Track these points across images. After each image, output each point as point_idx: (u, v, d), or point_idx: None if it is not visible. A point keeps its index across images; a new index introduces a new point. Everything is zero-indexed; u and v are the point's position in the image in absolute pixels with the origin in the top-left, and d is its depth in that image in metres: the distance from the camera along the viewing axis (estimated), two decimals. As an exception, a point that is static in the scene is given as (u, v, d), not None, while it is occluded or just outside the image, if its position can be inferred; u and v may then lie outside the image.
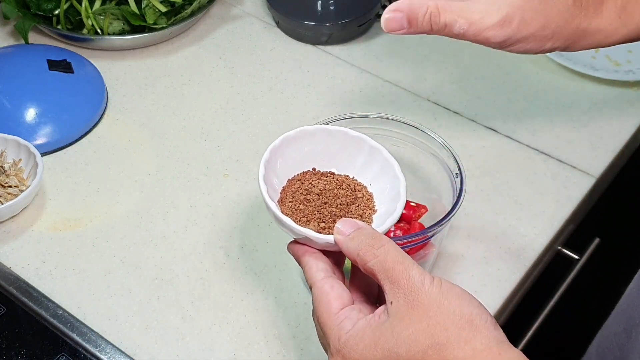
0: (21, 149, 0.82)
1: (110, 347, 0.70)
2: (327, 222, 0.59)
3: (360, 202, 0.61)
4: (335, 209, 0.60)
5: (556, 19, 0.63)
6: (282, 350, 0.70)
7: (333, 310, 0.53)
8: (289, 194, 0.61)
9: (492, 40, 0.62)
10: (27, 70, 0.91)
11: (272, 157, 0.61)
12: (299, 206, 0.60)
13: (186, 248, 0.78)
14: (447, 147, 0.71)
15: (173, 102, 0.93)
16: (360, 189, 0.62)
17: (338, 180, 0.62)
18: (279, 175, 0.62)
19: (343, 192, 0.62)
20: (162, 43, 1.00)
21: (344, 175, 0.63)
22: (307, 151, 0.63)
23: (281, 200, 0.61)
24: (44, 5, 0.97)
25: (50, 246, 0.78)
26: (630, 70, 0.97)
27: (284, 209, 0.60)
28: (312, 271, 0.56)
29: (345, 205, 0.60)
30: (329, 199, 0.61)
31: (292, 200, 0.61)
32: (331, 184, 0.62)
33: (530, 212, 0.82)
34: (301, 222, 0.59)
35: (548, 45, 0.64)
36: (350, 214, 0.60)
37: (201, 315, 0.73)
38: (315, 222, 0.59)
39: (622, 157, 0.90)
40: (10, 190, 0.79)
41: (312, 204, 0.60)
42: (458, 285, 0.52)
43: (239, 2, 1.07)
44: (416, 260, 0.69)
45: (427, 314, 0.50)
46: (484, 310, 0.51)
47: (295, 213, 0.60)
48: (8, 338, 0.70)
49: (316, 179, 0.62)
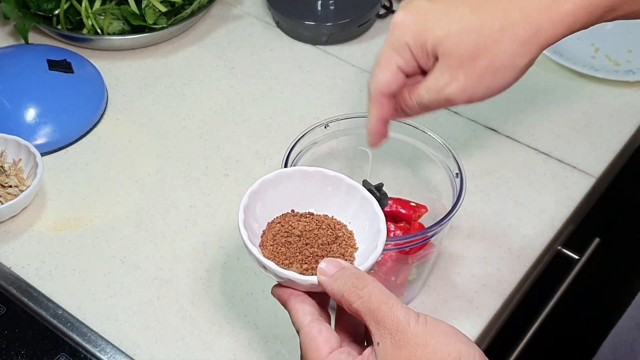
0: (21, 149, 0.82)
1: (110, 347, 0.70)
2: (310, 263, 0.58)
3: (341, 240, 0.61)
4: (317, 249, 0.59)
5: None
6: (282, 350, 0.70)
7: (322, 355, 0.53)
8: (269, 238, 0.61)
9: (455, 99, 0.62)
10: (27, 70, 0.91)
11: (250, 202, 0.60)
12: (280, 249, 0.59)
13: (186, 248, 0.78)
14: (447, 147, 0.71)
15: (173, 102, 0.93)
16: (340, 228, 0.62)
17: (317, 221, 0.62)
18: (258, 219, 0.61)
19: (323, 232, 0.61)
20: (162, 43, 1.00)
21: (323, 215, 0.63)
22: (286, 193, 0.63)
23: (262, 244, 0.60)
24: (44, 5, 0.97)
25: (50, 246, 0.78)
26: (630, 70, 0.97)
27: (266, 253, 0.59)
28: (298, 315, 0.55)
29: (326, 245, 0.60)
30: (309, 239, 0.60)
31: (273, 243, 0.60)
32: (311, 224, 0.62)
33: (530, 212, 0.82)
34: (284, 265, 0.58)
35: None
36: (332, 253, 0.59)
37: (201, 315, 0.73)
38: (297, 264, 0.58)
39: (622, 157, 0.90)
40: (10, 190, 0.79)
41: (294, 246, 0.60)
42: (444, 322, 0.52)
43: (239, 2, 1.07)
44: (416, 260, 0.69)
45: (414, 354, 0.49)
46: (472, 345, 0.51)
47: (278, 256, 0.59)
48: (8, 338, 0.70)
49: (295, 220, 0.62)
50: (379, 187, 0.68)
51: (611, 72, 0.96)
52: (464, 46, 0.59)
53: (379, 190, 0.68)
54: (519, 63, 0.60)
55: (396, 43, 0.63)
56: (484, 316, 0.73)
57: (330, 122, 0.73)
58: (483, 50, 0.58)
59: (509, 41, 0.58)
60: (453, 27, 0.59)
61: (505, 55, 0.59)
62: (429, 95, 0.62)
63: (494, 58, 0.59)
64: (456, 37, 0.59)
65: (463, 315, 0.73)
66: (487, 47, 0.59)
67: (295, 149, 0.71)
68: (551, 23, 0.58)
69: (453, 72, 0.60)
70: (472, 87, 0.60)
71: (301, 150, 0.72)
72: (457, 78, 0.60)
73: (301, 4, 1.01)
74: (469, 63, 0.59)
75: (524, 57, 0.59)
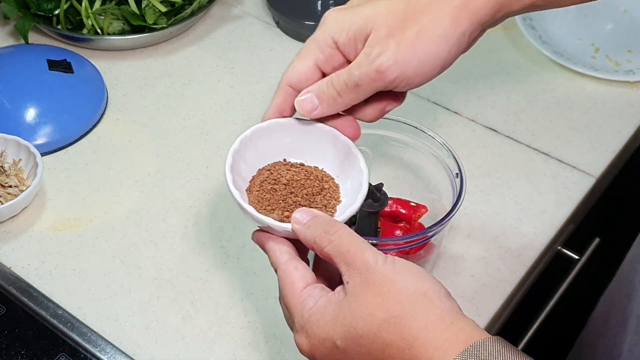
0: (21, 149, 0.82)
1: (110, 347, 0.70)
2: (291, 211, 0.60)
3: (325, 192, 0.63)
4: (301, 199, 0.61)
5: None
6: (282, 350, 0.70)
7: (297, 290, 0.55)
8: (257, 183, 0.62)
9: (387, 70, 0.59)
10: (27, 70, 0.91)
11: (242, 147, 0.62)
12: (265, 195, 0.61)
13: (186, 248, 0.78)
14: (447, 147, 0.71)
15: (173, 102, 0.93)
16: (328, 181, 0.64)
17: (307, 171, 0.64)
18: (250, 165, 0.63)
19: (310, 183, 0.63)
20: (162, 43, 1.00)
21: (313, 167, 0.64)
22: (281, 142, 0.64)
23: (249, 189, 0.62)
24: (44, 5, 0.97)
25: (50, 246, 0.78)
26: (630, 70, 0.97)
27: (251, 197, 0.61)
28: (275, 255, 0.58)
29: (310, 196, 0.62)
30: (295, 189, 0.62)
31: (259, 189, 0.62)
32: (300, 174, 0.63)
33: (530, 212, 0.82)
34: (265, 211, 0.60)
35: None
36: (315, 204, 0.61)
37: (201, 315, 0.73)
38: (279, 210, 0.60)
39: (622, 157, 0.90)
40: (10, 190, 0.79)
41: (279, 193, 0.62)
42: (414, 264, 0.54)
43: (239, 2, 1.07)
44: (416, 260, 0.69)
45: (381, 290, 0.51)
46: (438, 283, 0.53)
47: (261, 202, 0.61)
48: (8, 338, 0.70)
49: (285, 169, 0.63)
50: (379, 187, 0.68)
51: (611, 72, 0.96)
52: (393, 17, 0.59)
53: (379, 190, 0.68)
54: (450, 33, 0.58)
55: (320, 37, 0.61)
56: (484, 316, 0.73)
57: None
58: (412, 19, 0.58)
59: (438, 10, 0.58)
60: (381, 4, 0.60)
61: (435, 23, 0.58)
62: (359, 70, 0.59)
63: (423, 26, 0.58)
64: (385, 10, 0.59)
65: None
66: (417, 16, 0.58)
67: None
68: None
69: (384, 42, 0.58)
70: (403, 57, 0.58)
71: None
72: (388, 47, 0.58)
73: (301, 4, 1.01)
74: (399, 32, 0.58)
75: (455, 28, 0.58)
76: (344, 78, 0.60)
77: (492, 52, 1.00)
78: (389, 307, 0.51)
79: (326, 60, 0.62)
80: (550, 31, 1.02)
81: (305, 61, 0.62)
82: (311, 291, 0.55)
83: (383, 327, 0.51)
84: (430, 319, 0.51)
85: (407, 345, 0.50)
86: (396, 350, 0.50)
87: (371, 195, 0.68)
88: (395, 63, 0.58)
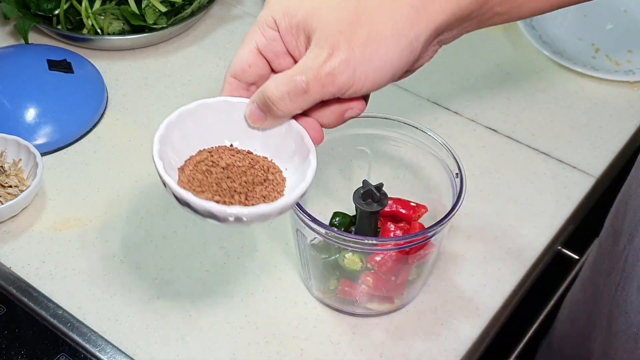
0: (21, 149, 0.82)
1: (110, 347, 0.70)
2: (224, 196, 0.56)
3: (268, 184, 0.58)
4: (238, 185, 0.57)
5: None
6: (282, 350, 0.70)
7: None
8: (192, 163, 0.58)
9: (339, 74, 0.53)
10: (27, 70, 0.91)
11: (181, 121, 0.59)
12: (197, 175, 0.57)
13: (186, 248, 0.78)
14: (447, 147, 0.71)
15: (173, 102, 0.93)
16: (275, 173, 0.59)
17: (252, 160, 0.59)
18: (191, 143, 0.59)
19: (254, 172, 0.58)
20: (162, 43, 1.00)
21: (262, 157, 0.60)
22: (229, 124, 0.60)
23: (182, 167, 0.58)
24: (44, 5, 0.97)
25: (50, 246, 0.78)
26: (630, 70, 0.97)
27: (182, 177, 0.57)
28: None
29: (250, 184, 0.57)
30: (233, 174, 0.58)
31: (194, 169, 0.58)
32: (244, 161, 0.59)
33: (530, 212, 0.82)
34: (195, 192, 0.55)
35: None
36: (254, 193, 0.57)
37: (201, 315, 0.73)
38: (209, 193, 0.56)
39: (622, 157, 0.90)
40: (10, 190, 0.79)
41: (213, 176, 0.57)
42: None
43: (239, 2, 1.07)
44: (416, 260, 0.69)
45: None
46: None
47: (191, 181, 0.57)
48: (8, 338, 0.70)
49: (230, 154, 0.59)
50: (379, 187, 0.68)
51: (611, 72, 0.96)
52: (342, 13, 0.53)
53: (379, 190, 0.68)
54: (405, 34, 0.53)
55: (261, 19, 0.56)
56: (484, 316, 0.73)
57: (330, 122, 0.73)
58: (364, 17, 0.52)
59: (392, 9, 0.53)
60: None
61: (389, 23, 0.52)
62: (307, 75, 0.53)
63: (376, 26, 0.52)
64: (334, 6, 0.53)
65: (463, 315, 0.73)
66: (369, 14, 0.53)
67: None
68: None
69: (331, 44, 0.52)
70: (355, 59, 0.52)
71: None
72: (338, 49, 0.52)
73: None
74: (349, 31, 0.52)
75: (410, 29, 0.53)
76: (288, 88, 0.54)
77: (492, 52, 1.00)
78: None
79: (267, 44, 0.56)
80: (550, 31, 1.02)
81: (247, 46, 0.57)
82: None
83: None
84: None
85: None
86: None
87: (371, 195, 0.68)
88: (348, 64, 0.52)
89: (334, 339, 0.71)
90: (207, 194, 0.56)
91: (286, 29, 0.55)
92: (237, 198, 0.56)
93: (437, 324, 0.72)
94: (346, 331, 0.71)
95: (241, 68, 0.58)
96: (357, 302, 0.72)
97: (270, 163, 0.60)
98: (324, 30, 0.53)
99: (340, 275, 0.71)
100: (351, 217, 0.75)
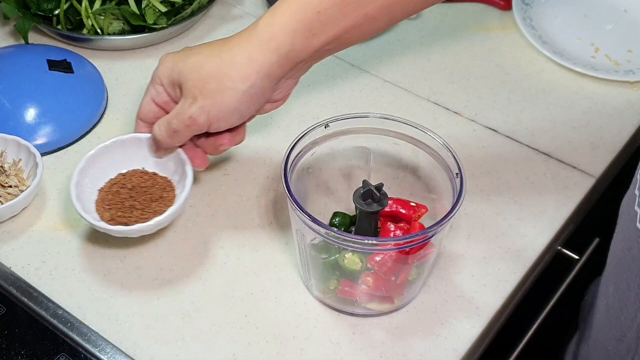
0: (21, 149, 0.82)
1: (110, 347, 0.70)
2: (124, 212, 0.73)
3: (162, 201, 0.74)
4: (138, 203, 0.74)
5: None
6: (282, 350, 0.70)
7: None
8: (108, 185, 0.76)
9: (197, 117, 0.71)
10: (27, 70, 0.91)
11: (114, 147, 0.77)
12: (108, 195, 0.75)
13: (186, 248, 0.78)
14: (447, 147, 0.71)
15: (173, 102, 0.93)
16: (169, 191, 0.76)
17: (155, 180, 0.76)
18: (110, 170, 0.77)
19: (153, 191, 0.75)
20: (162, 43, 1.00)
21: (164, 177, 0.77)
22: (141, 152, 0.77)
23: (101, 189, 0.76)
24: (44, 5, 0.97)
25: (50, 246, 0.78)
26: (630, 70, 0.97)
27: (99, 196, 0.75)
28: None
29: (148, 202, 0.74)
30: (136, 194, 0.75)
31: (107, 190, 0.76)
32: (147, 182, 0.76)
33: (530, 212, 0.82)
34: (102, 209, 0.74)
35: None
36: (148, 209, 0.74)
37: (201, 315, 0.73)
38: (114, 210, 0.74)
39: (622, 157, 0.90)
40: (10, 190, 0.79)
41: (121, 195, 0.75)
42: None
43: (239, 2, 1.07)
44: (416, 260, 0.69)
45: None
46: None
47: (104, 201, 0.75)
48: (8, 338, 0.70)
49: (139, 176, 0.77)
50: (379, 187, 0.68)
51: (611, 72, 0.96)
52: (199, 74, 0.70)
53: (379, 190, 0.68)
54: (240, 86, 0.69)
55: (153, 76, 0.75)
56: (484, 316, 0.73)
57: (330, 122, 0.73)
58: (213, 75, 0.70)
59: (230, 67, 0.69)
60: (191, 60, 0.71)
61: (229, 78, 0.69)
62: (176, 119, 0.72)
63: (220, 81, 0.69)
64: (194, 67, 0.71)
65: (463, 315, 0.73)
66: (215, 73, 0.69)
67: (295, 149, 0.71)
68: (259, 51, 0.68)
69: (192, 94, 0.70)
70: (208, 106, 0.70)
71: (301, 150, 0.72)
72: (196, 99, 0.70)
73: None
74: (203, 86, 0.70)
75: (242, 82, 0.69)
76: (165, 128, 0.73)
77: (492, 52, 1.00)
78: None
79: (157, 95, 0.75)
80: (550, 31, 1.02)
81: (146, 97, 0.76)
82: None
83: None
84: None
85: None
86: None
87: (371, 195, 0.68)
88: (203, 110, 0.70)
89: (334, 339, 0.71)
90: (112, 211, 0.74)
91: (167, 84, 0.74)
92: (135, 213, 0.73)
93: (437, 324, 0.72)
94: (346, 331, 0.71)
95: (144, 113, 0.77)
96: (357, 302, 0.72)
97: (168, 182, 0.77)
98: (187, 86, 0.71)
99: (340, 275, 0.71)
100: (351, 217, 0.75)
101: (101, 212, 0.74)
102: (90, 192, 0.75)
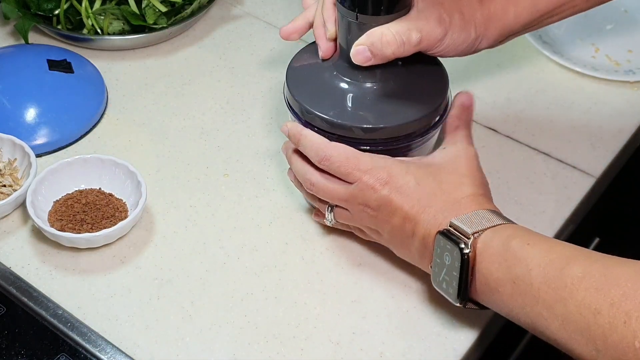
0: (16, 148, 0.82)
1: (110, 347, 0.70)
2: (75, 224, 0.76)
3: (113, 219, 0.77)
4: (89, 217, 0.77)
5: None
6: (282, 350, 0.70)
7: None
8: (64, 198, 0.79)
9: (434, 36, 0.71)
10: (27, 70, 0.91)
11: (75, 166, 0.81)
12: (62, 208, 0.78)
13: (186, 248, 0.78)
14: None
15: (173, 102, 0.93)
16: (122, 211, 0.78)
17: (109, 200, 0.79)
18: (67, 185, 0.80)
19: (106, 209, 0.78)
20: (162, 43, 1.00)
21: (118, 199, 0.80)
22: (100, 173, 0.81)
23: (56, 201, 0.79)
24: (44, 5, 0.97)
25: (50, 246, 0.78)
26: (630, 70, 0.97)
27: (53, 207, 0.78)
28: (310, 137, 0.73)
29: (99, 219, 0.77)
30: (89, 209, 0.78)
31: (63, 203, 0.78)
32: (102, 201, 0.78)
33: (530, 212, 0.82)
34: (55, 218, 0.77)
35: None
36: (99, 224, 0.76)
37: (201, 315, 0.73)
38: (65, 221, 0.76)
39: (622, 157, 0.90)
40: (4, 189, 0.79)
41: (74, 209, 0.78)
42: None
43: (239, 2, 1.07)
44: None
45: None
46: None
47: (57, 212, 0.78)
48: (8, 338, 0.70)
49: (94, 195, 0.79)
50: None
51: (611, 72, 0.96)
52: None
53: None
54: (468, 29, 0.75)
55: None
56: (484, 316, 0.73)
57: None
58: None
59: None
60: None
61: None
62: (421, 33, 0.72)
63: (456, 12, 0.73)
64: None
65: (463, 315, 0.73)
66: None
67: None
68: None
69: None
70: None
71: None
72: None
73: (301, 6, 1.01)
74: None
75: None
76: (402, 38, 0.69)
77: (492, 52, 1.00)
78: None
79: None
80: (550, 31, 1.02)
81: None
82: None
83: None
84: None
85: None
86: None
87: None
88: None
89: (334, 339, 0.71)
90: (63, 222, 0.77)
91: None
92: (85, 227, 0.76)
93: (437, 324, 0.72)
94: (346, 331, 0.71)
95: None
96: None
97: (122, 204, 0.79)
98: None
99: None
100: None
101: (52, 221, 0.77)
102: (46, 202, 0.78)
